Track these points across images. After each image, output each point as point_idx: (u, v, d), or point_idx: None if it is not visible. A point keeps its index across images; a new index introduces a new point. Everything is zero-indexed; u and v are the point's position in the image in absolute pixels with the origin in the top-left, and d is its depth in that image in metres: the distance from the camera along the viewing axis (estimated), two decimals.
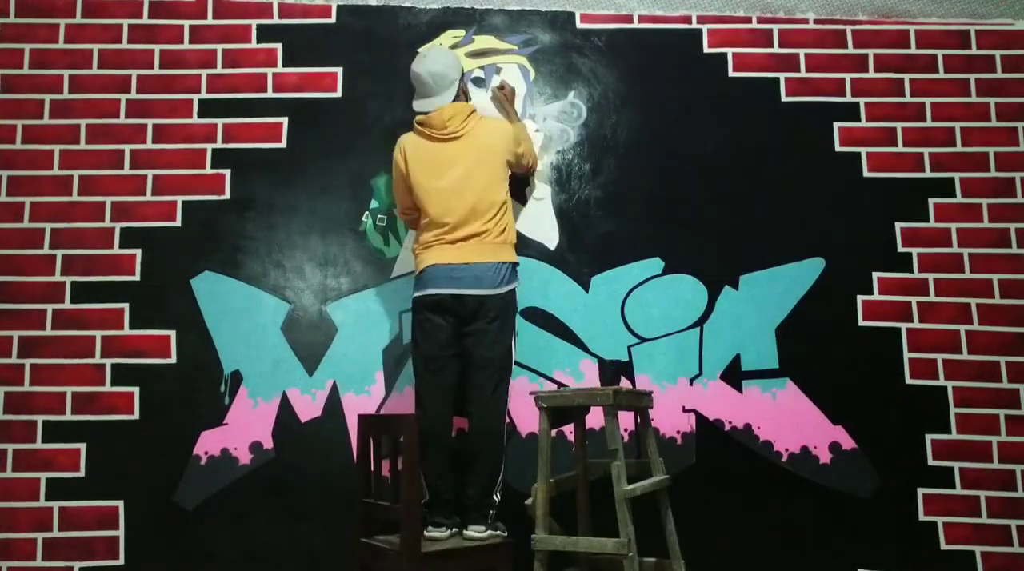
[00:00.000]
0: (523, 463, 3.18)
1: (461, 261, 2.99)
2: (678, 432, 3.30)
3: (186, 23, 3.52)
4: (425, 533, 2.85)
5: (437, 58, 3.17)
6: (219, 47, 3.51)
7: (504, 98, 3.33)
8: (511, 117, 3.31)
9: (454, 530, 2.94)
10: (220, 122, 3.45)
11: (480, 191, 3.04)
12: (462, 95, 3.19)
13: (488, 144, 3.10)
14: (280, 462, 3.24)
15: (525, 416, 3.26)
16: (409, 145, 3.14)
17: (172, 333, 3.31)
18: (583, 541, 2.74)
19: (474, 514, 2.93)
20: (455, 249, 3.01)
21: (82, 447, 3.22)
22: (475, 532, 2.90)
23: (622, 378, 3.29)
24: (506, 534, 2.95)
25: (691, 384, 3.33)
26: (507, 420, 3.08)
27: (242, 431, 3.25)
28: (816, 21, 3.60)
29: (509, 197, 3.15)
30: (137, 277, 3.34)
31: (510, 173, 3.19)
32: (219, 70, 3.49)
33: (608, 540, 2.66)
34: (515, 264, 3.10)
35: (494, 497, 2.97)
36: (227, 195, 3.41)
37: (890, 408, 3.32)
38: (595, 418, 3.12)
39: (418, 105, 3.16)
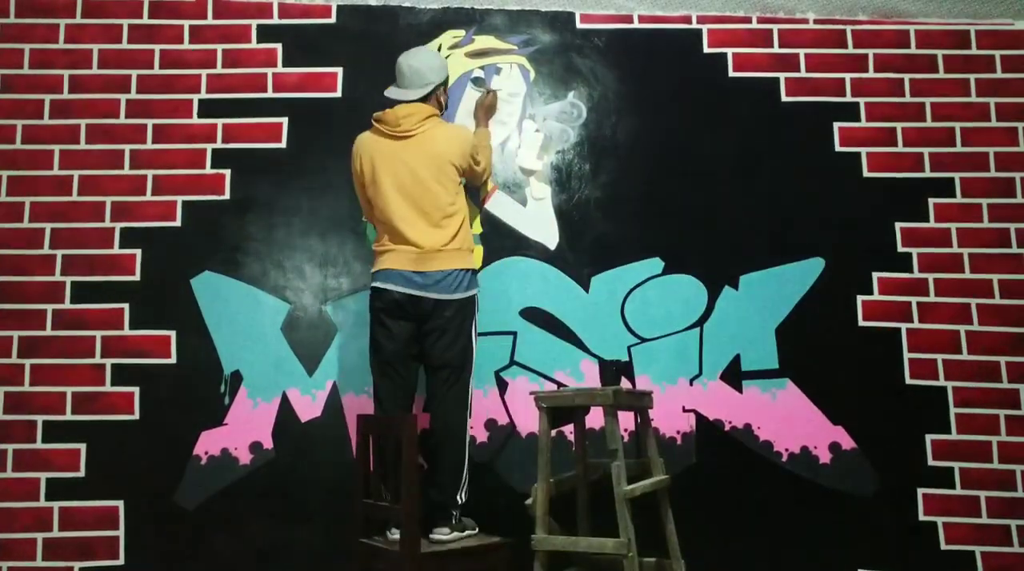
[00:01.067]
0: (524, 464, 3.18)
1: (418, 269, 2.95)
2: (678, 432, 3.30)
3: (186, 23, 3.52)
4: (388, 534, 2.82)
5: (423, 55, 3.14)
6: (219, 47, 3.51)
7: (484, 103, 3.34)
8: (479, 122, 3.34)
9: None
10: (220, 122, 3.45)
11: (428, 195, 2.99)
12: (434, 101, 3.12)
13: (439, 149, 3.03)
14: (280, 462, 3.24)
15: (525, 416, 3.27)
16: (363, 141, 3.10)
17: (172, 333, 3.31)
18: (583, 541, 2.74)
19: (437, 516, 2.90)
20: (412, 257, 2.96)
21: (82, 447, 3.22)
22: (440, 535, 2.87)
23: (622, 378, 3.29)
24: (476, 530, 2.95)
25: (691, 384, 3.33)
26: (470, 422, 3.02)
27: (242, 431, 3.25)
28: (816, 21, 3.60)
29: (465, 204, 3.10)
30: (137, 277, 3.35)
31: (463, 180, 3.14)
32: (219, 70, 3.50)
33: (608, 540, 2.66)
34: (474, 271, 3.05)
35: (458, 498, 2.93)
36: (227, 195, 3.41)
37: (890, 408, 3.32)
38: (595, 418, 3.12)
39: (387, 91, 3.12)
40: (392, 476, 2.73)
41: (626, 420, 3.27)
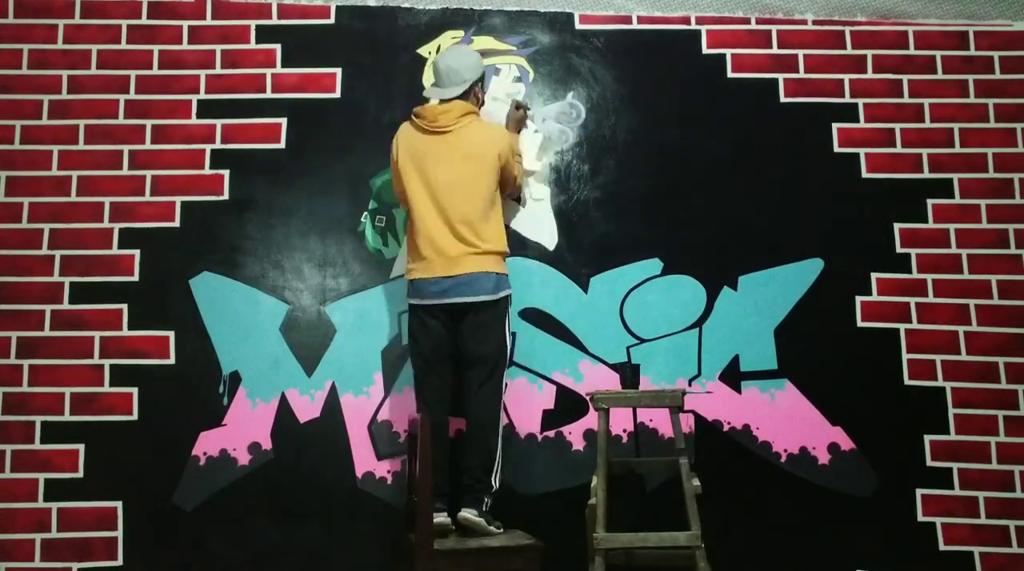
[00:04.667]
0: (523, 464, 3.19)
1: (450, 273, 2.99)
2: None
3: (185, 24, 3.52)
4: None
5: (459, 54, 3.20)
6: (218, 48, 3.51)
7: (515, 118, 3.31)
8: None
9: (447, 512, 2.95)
10: (219, 123, 3.45)
11: (463, 192, 3.02)
12: (473, 98, 3.16)
13: (478, 146, 3.06)
14: (279, 463, 3.24)
15: (524, 417, 3.27)
16: (403, 134, 3.15)
17: (171, 334, 3.31)
18: (653, 536, 2.76)
19: (467, 497, 2.94)
20: (443, 261, 3.00)
21: (81, 448, 3.22)
22: (467, 514, 2.90)
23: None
24: (501, 530, 2.96)
25: (690, 385, 3.33)
26: (504, 418, 3.08)
27: (241, 432, 3.25)
28: (815, 22, 3.60)
29: (499, 205, 3.13)
30: (136, 278, 3.34)
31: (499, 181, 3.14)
32: (218, 71, 3.49)
33: (680, 534, 2.73)
34: (505, 275, 3.08)
35: (492, 482, 2.97)
36: (226, 196, 3.41)
37: (889, 409, 3.32)
38: (592, 419, 3.11)
39: (425, 92, 3.20)
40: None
41: (625, 420, 3.28)
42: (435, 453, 2.90)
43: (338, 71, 3.50)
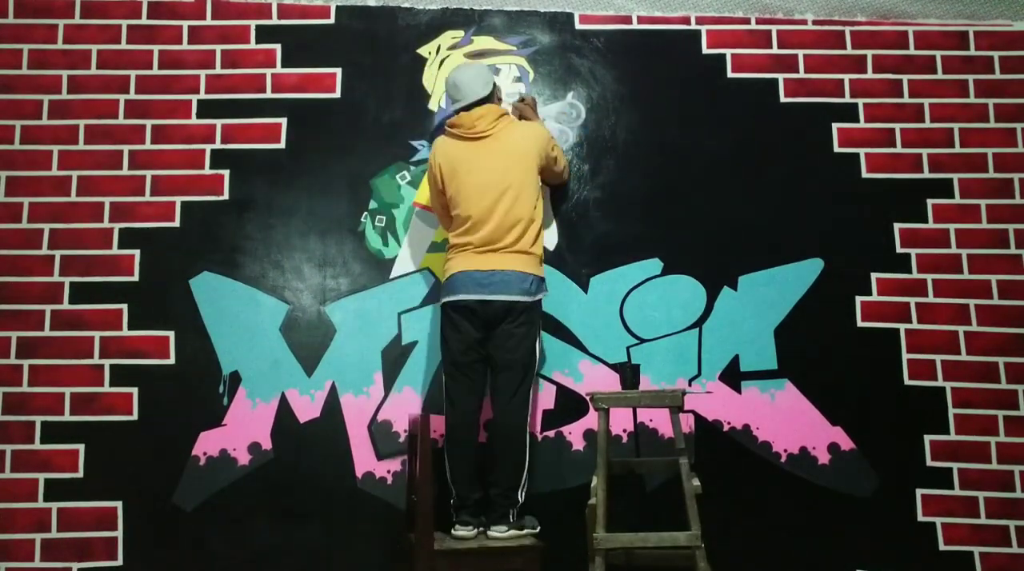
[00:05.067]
0: (532, 465, 3.19)
1: (488, 268, 3.00)
2: None
3: (185, 24, 3.52)
4: (452, 532, 2.90)
5: (469, 66, 3.25)
6: (218, 48, 3.51)
7: (527, 107, 3.34)
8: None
9: (481, 529, 2.94)
10: (219, 123, 3.45)
11: (510, 194, 3.03)
12: (497, 102, 3.21)
13: (519, 146, 3.09)
14: (279, 463, 3.24)
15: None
16: (440, 145, 3.16)
17: (171, 334, 3.31)
18: (653, 536, 2.76)
19: (495, 514, 2.94)
20: (482, 257, 3.01)
21: (81, 448, 3.22)
22: (496, 532, 2.90)
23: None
24: (537, 529, 2.98)
25: (690, 385, 3.33)
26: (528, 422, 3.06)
27: (241, 432, 3.25)
28: (815, 22, 3.60)
29: (540, 207, 3.13)
30: (136, 278, 3.34)
31: (541, 181, 3.19)
32: (218, 71, 3.49)
33: (680, 534, 2.73)
34: (543, 279, 3.10)
35: (518, 496, 2.97)
36: (226, 196, 3.41)
37: (889, 409, 3.32)
38: (591, 419, 3.11)
39: (453, 106, 3.19)
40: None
41: (625, 421, 3.28)
42: (462, 456, 2.96)
43: (338, 71, 3.50)
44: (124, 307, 3.32)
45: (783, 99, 3.53)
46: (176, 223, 3.39)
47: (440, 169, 3.12)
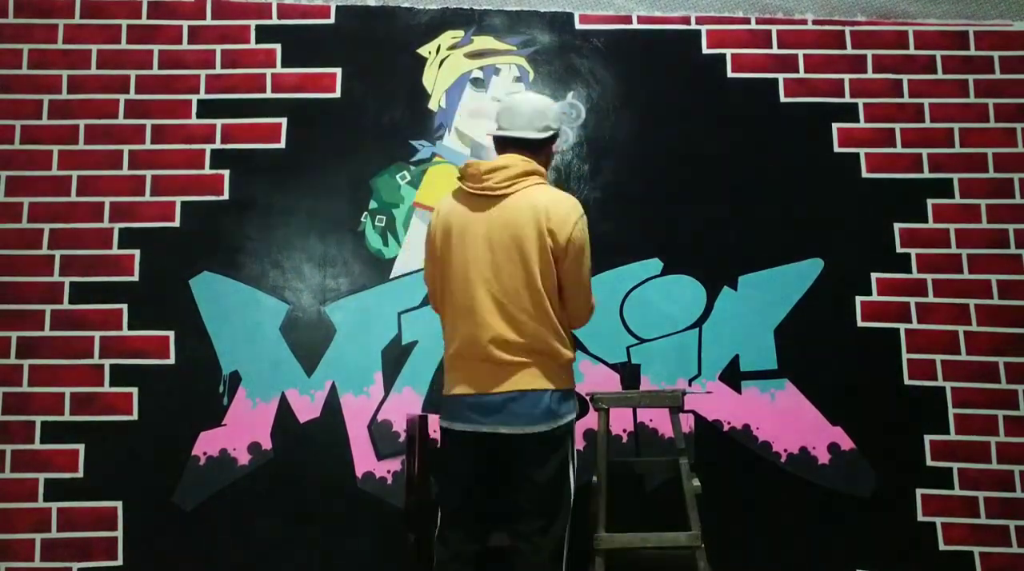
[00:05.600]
0: None
1: (484, 390, 2.26)
2: None
3: (185, 23, 3.52)
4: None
5: (540, 97, 2.51)
6: (218, 47, 3.51)
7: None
8: None
9: None
10: (219, 122, 3.45)
11: (511, 277, 2.28)
12: (544, 158, 2.45)
13: (535, 218, 2.29)
14: (279, 463, 3.24)
15: None
16: (442, 203, 2.44)
17: (171, 334, 3.31)
18: (653, 536, 2.76)
19: None
20: (482, 369, 2.27)
21: (80, 448, 3.22)
22: None
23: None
24: None
25: (690, 385, 3.33)
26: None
27: (241, 432, 3.25)
28: (815, 22, 3.60)
29: (559, 293, 2.34)
30: (136, 278, 3.34)
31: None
32: (218, 70, 3.49)
33: (680, 534, 2.73)
34: (569, 390, 2.34)
35: None
36: (226, 196, 3.41)
37: (889, 409, 3.32)
38: (592, 419, 3.11)
39: (489, 131, 2.53)
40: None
41: (625, 421, 3.28)
42: None
43: (338, 71, 3.50)
44: (124, 307, 3.32)
45: (783, 99, 3.53)
46: (176, 223, 3.39)
47: (436, 231, 2.41)
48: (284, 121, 3.46)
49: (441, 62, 3.52)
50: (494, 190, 2.33)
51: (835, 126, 3.51)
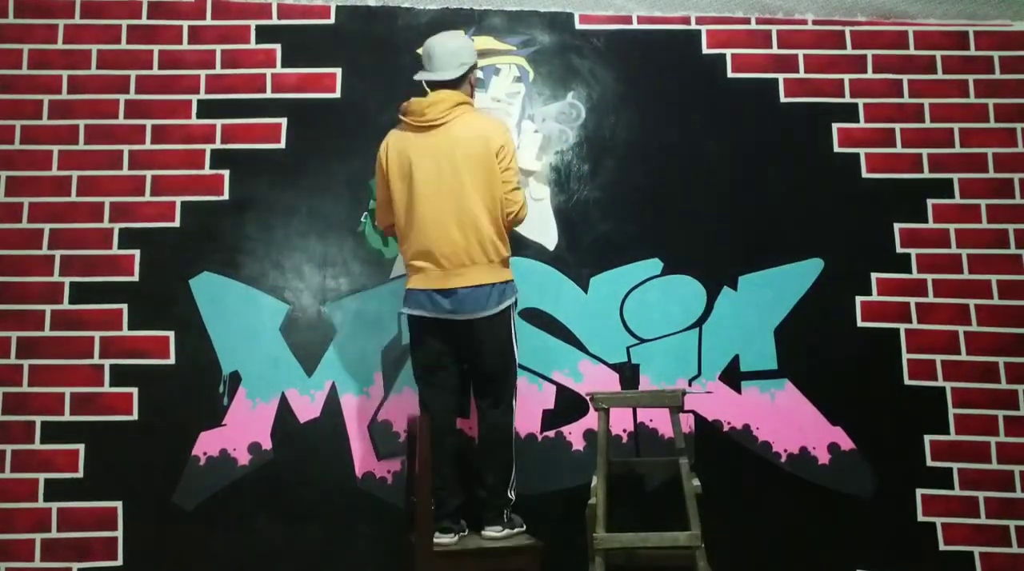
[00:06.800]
0: (525, 465, 3.18)
1: (443, 286, 2.85)
2: None
3: (185, 24, 3.52)
4: (434, 539, 2.82)
5: (454, 36, 3.04)
6: (218, 48, 3.51)
7: None
8: None
9: (463, 534, 2.91)
10: (219, 123, 3.45)
11: (460, 195, 2.83)
12: (467, 86, 3.00)
13: (473, 140, 2.85)
14: (279, 463, 3.24)
15: (524, 417, 3.26)
16: (389, 138, 2.98)
17: (171, 334, 3.31)
18: (653, 536, 2.77)
19: (489, 514, 2.92)
20: (436, 273, 2.86)
21: (81, 448, 3.22)
22: (493, 533, 2.89)
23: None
24: (524, 527, 2.96)
25: (690, 385, 3.33)
26: (515, 423, 3.03)
27: (241, 432, 3.25)
28: (815, 22, 3.60)
29: (500, 203, 2.91)
30: (136, 278, 3.34)
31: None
32: (218, 71, 3.49)
33: (680, 534, 2.73)
34: (508, 282, 2.94)
35: (509, 495, 2.94)
36: (226, 196, 3.41)
37: (889, 409, 3.32)
38: (592, 419, 3.11)
39: (417, 75, 3.02)
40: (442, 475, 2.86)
41: (625, 421, 3.28)
42: (440, 461, 2.87)
43: (338, 71, 3.50)
44: (124, 307, 3.32)
45: (783, 99, 3.53)
46: (176, 223, 3.39)
47: (387, 162, 2.92)
48: (284, 121, 3.46)
49: None
50: (436, 120, 2.86)
51: (835, 126, 3.51)
